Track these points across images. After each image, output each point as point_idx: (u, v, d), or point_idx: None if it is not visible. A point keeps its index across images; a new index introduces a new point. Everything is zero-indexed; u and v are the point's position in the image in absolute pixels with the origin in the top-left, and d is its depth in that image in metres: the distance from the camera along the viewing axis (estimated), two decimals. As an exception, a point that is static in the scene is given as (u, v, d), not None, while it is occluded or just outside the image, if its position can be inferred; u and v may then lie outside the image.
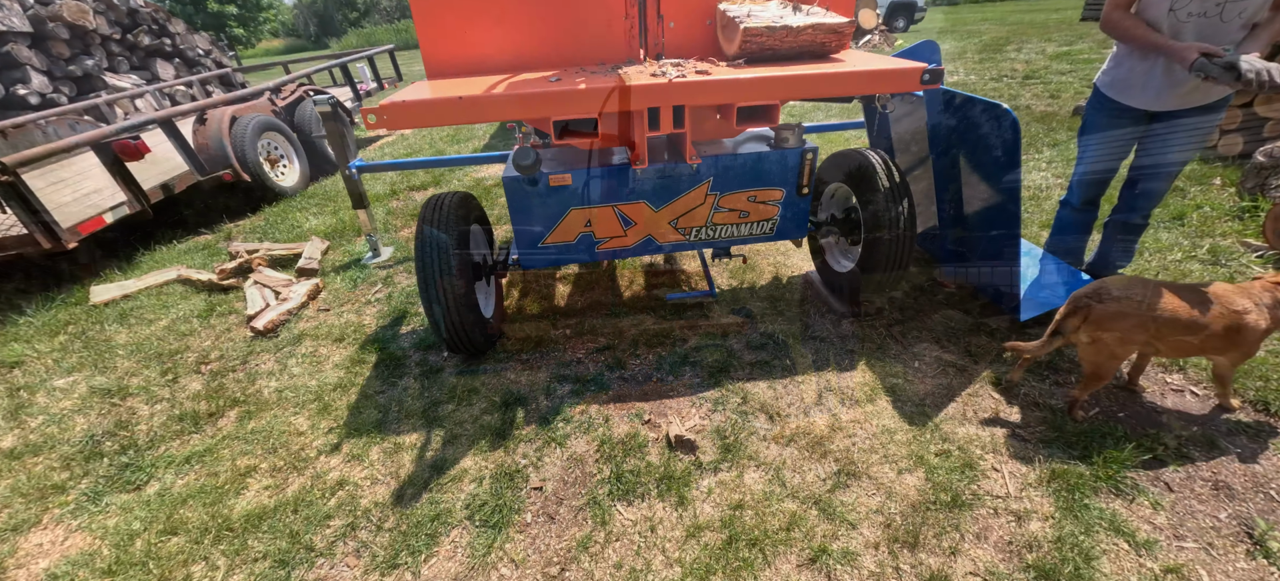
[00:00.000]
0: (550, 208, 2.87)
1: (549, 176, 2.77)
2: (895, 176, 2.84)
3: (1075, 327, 2.29)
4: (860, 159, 2.95)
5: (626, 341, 3.22)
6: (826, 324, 3.27)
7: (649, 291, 3.74)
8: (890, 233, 2.81)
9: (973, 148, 2.80)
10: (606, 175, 2.81)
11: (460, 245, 2.70)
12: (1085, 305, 2.26)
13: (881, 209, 2.81)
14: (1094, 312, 2.23)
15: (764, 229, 3.13)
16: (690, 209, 2.99)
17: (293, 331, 3.60)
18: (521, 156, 2.54)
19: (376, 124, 2.47)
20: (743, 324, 3.31)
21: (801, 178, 2.94)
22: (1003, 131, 2.50)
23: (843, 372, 2.87)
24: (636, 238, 3.06)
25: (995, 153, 2.62)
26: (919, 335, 3.12)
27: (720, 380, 2.86)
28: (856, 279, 3.10)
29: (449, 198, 2.81)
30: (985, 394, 2.69)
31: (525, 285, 3.94)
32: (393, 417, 2.77)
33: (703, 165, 2.84)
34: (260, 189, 6.12)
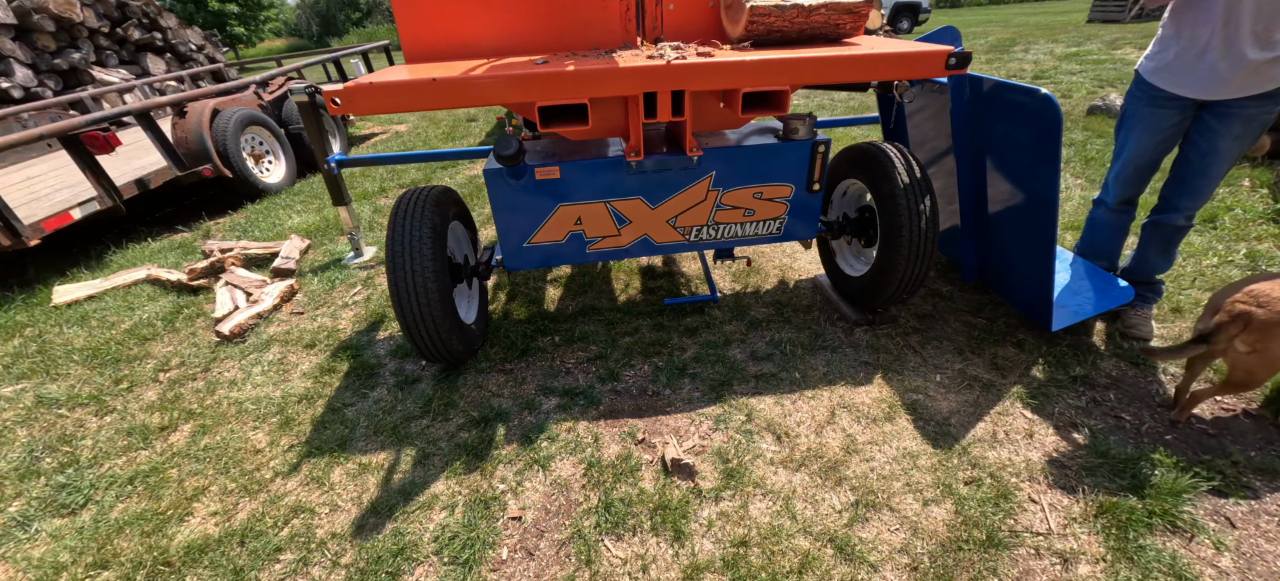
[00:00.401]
0: (536, 204, 2.61)
1: (535, 169, 2.51)
2: (916, 171, 2.58)
3: (1232, 336, 2.03)
4: (876, 153, 2.69)
5: (620, 350, 2.96)
6: (838, 332, 3.01)
7: (645, 295, 3.49)
8: (910, 233, 2.55)
9: (1004, 139, 2.54)
10: (598, 168, 2.56)
11: (436, 245, 2.44)
12: (1244, 312, 1.99)
13: (901, 207, 2.55)
14: (1257, 319, 1.97)
15: (771, 229, 2.87)
16: (690, 206, 2.73)
17: (261, 336, 3.34)
18: (503, 146, 2.28)
19: (340, 108, 2.22)
20: (747, 331, 3.05)
21: (813, 172, 2.68)
22: (1041, 120, 2.24)
23: (857, 386, 2.61)
24: (631, 237, 2.80)
25: (1031, 145, 2.36)
26: (940, 345, 2.86)
27: (722, 394, 2.60)
28: (871, 283, 2.84)
29: (425, 192, 2.56)
30: (1016, 412, 2.43)
31: (513, 288, 3.68)
32: (360, 434, 2.51)
33: (704, 158, 2.58)
34: (243, 185, 5.88)
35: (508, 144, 2.27)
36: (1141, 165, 2.55)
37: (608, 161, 2.54)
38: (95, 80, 9.32)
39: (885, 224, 2.66)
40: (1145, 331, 2.79)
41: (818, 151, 2.62)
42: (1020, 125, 2.38)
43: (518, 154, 2.28)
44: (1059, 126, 2.16)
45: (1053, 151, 2.22)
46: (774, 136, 2.69)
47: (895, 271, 2.65)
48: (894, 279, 2.67)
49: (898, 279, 2.67)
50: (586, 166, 2.54)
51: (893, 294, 2.75)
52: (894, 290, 2.73)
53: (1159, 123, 2.43)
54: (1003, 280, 2.95)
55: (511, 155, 2.28)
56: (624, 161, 2.54)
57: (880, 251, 2.74)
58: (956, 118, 2.63)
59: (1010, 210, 2.66)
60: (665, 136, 2.84)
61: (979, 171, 2.77)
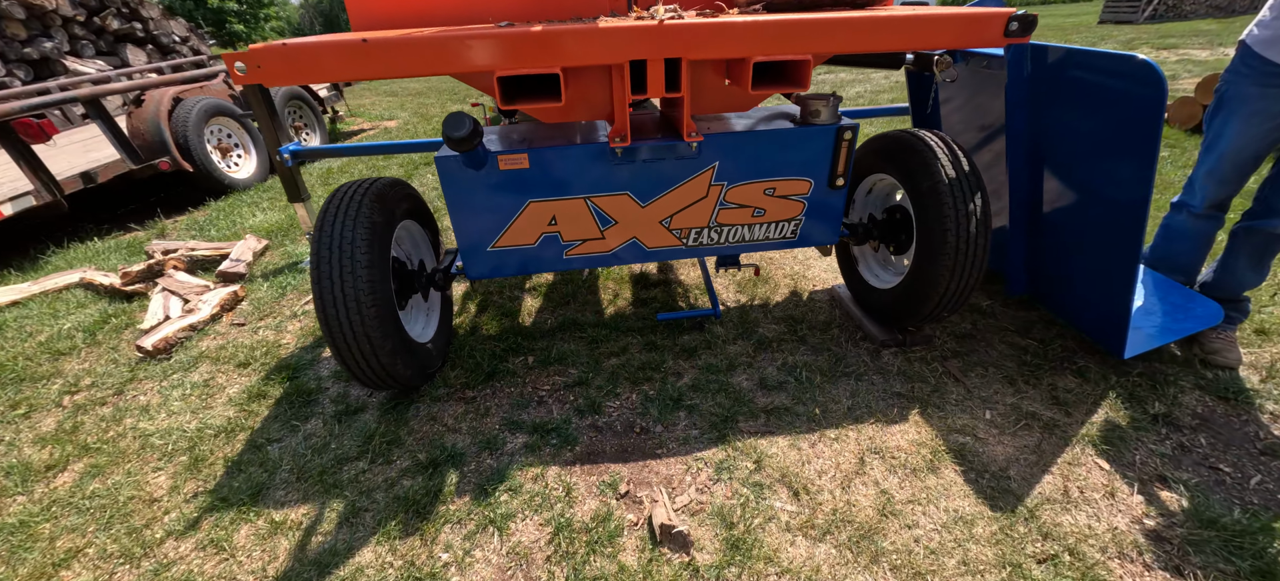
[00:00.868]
0: (501, 199, 2.15)
1: (498, 157, 2.05)
2: (963, 163, 2.12)
3: None
4: (913, 142, 2.22)
5: (603, 374, 2.49)
6: (862, 355, 2.54)
7: (636, 307, 3.02)
8: (957, 239, 2.08)
9: (1074, 124, 2.07)
10: (575, 157, 2.10)
11: (375, 249, 1.98)
12: None
13: (944, 208, 2.08)
14: None
15: (784, 232, 2.40)
16: (687, 204, 2.27)
17: (190, 352, 2.88)
18: (453, 125, 1.82)
19: (245, 76, 1.78)
20: (754, 353, 2.58)
21: (836, 164, 2.21)
22: (1136, 98, 1.78)
23: (890, 425, 2.14)
24: (617, 241, 2.34)
25: (1117, 130, 1.89)
26: (986, 373, 2.39)
27: (725, 433, 2.13)
28: (904, 298, 2.37)
29: (364, 186, 2.10)
30: (1089, 461, 1.96)
31: (484, 297, 3.22)
32: (281, 480, 2.05)
33: (705, 146, 2.12)
34: (207, 181, 5.43)
35: (459, 123, 1.82)
36: (1243, 160, 2.08)
37: (587, 149, 2.08)
38: (68, 71, 8.90)
39: (924, 228, 2.20)
40: (1232, 357, 2.32)
41: (843, 139, 2.16)
42: (1102, 105, 1.91)
43: (472, 135, 1.83)
44: (1162, 106, 1.69)
45: (1150, 139, 1.76)
46: (789, 121, 2.23)
47: (935, 284, 2.18)
48: (934, 293, 2.21)
49: (939, 294, 2.20)
50: (561, 154, 2.08)
51: (931, 311, 2.29)
52: (933, 307, 2.26)
53: (1271, 106, 1.96)
54: (1060, 295, 2.48)
55: (464, 137, 1.82)
56: (607, 148, 2.08)
57: (916, 260, 2.28)
58: (1013, 97, 2.16)
59: (1076, 212, 2.19)
60: (659, 121, 2.38)
61: (1036, 165, 2.30)
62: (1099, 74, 1.88)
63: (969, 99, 2.65)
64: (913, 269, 2.31)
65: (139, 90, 5.21)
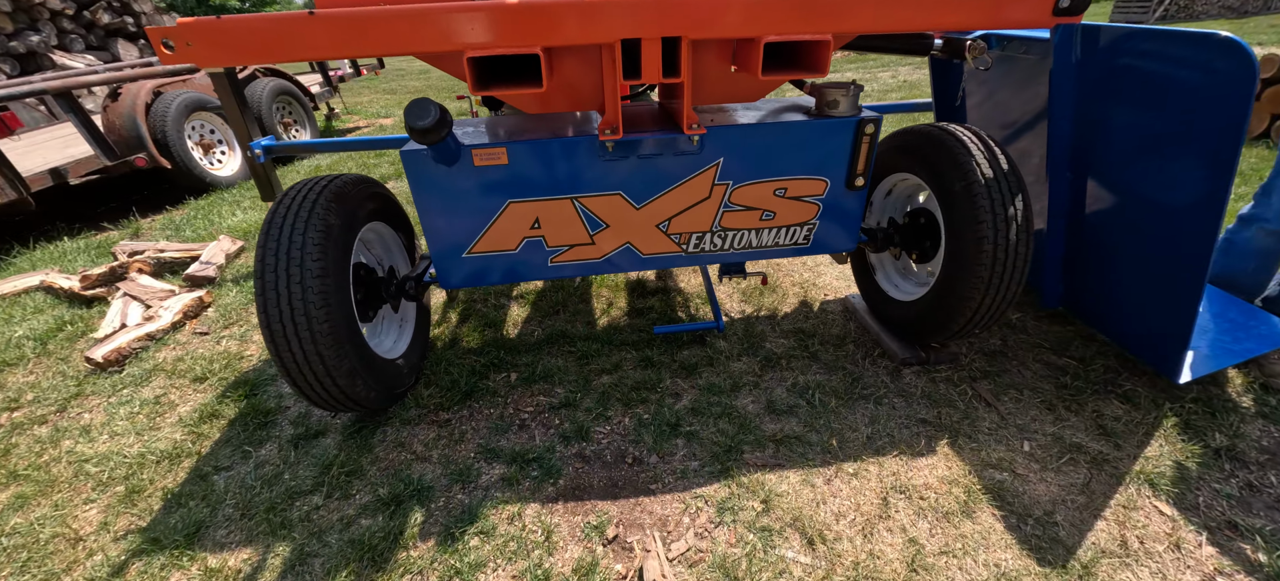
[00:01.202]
0: (477, 199, 1.91)
1: (472, 151, 1.81)
2: (1002, 162, 1.86)
3: None
4: (942, 137, 1.97)
5: (593, 394, 2.24)
6: (881, 374, 2.29)
7: (631, 317, 2.77)
8: (994, 248, 1.83)
9: (1136, 117, 1.81)
10: (561, 152, 1.85)
11: (330, 255, 1.74)
12: None
13: (980, 212, 1.83)
14: None
15: (796, 237, 2.15)
16: (688, 206, 2.02)
17: (145, 364, 2.64)
18: (417, 114, 1.58)
19: (174, 55, 1.54)
20: (761, 371, 2.33)
21: (857, 161, 1.96)
22: (1220, 85, 1.51)
23: (916, 458, 1.89)
24: (609, 246, 2.09)
25: (1193, 123, 1.63)
26: (1020, 397, 2.14)
27: (728, 465, 1.88)
28: (929, 312, 2.12)
29: (320, 184, 1.85)
30: (1147, 504, 1.71)
31: (466, 305, 2.97)
32: (223, 517, 1.81)
33: (708, 140, 1.87)
34: (186, 178, 5.20)
35: (423, 110, 1.57)
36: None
37: (574, 143, 1.84)
38: (55, 66, 8.69)
39: (954, 234, 1.94)
40: (1299, 382, 2.06)
41: (864, 133, 1.91)
42: (1171, 94, 1.65)
43: (439, 125, 1.58)
44: (1250, 94, 1.43)
45: (1232, 134, 1.49)
46: (803, 114, 1.98)
47: (968, 298, 1.93)
48: (966, 308, 1.95)
49: (971, 309, 1.94)
50: (544, 148, 1.84)
51: (962, 328, 2.03)
52: (964, 323, 2.01)
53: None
54: (1103, 309, 2.22)
55: (430, 127, 1.57)
56: (597, 142, 1.83)
57: (945, 270, 2.02)
58: (1058, 86, 1.91)
59: (1129, 218, 1.94)
60: (657, 113, 2.14)
61: (1081, 163, 2.04)
62: (1169, 57, 1.63)
63: (998, 91, 2.39)
64: (940, 280, 2.05)
65: (115, 83, 4.99)
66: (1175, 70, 1.62)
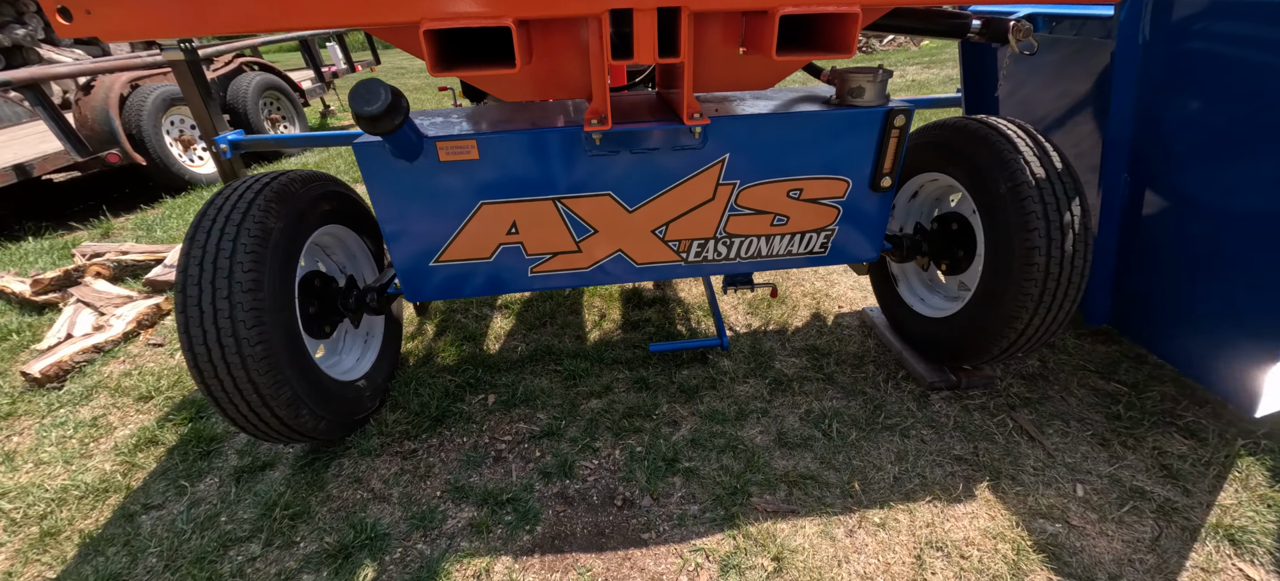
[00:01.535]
0: (444, 201, 1.65)
1: (437, 144, 1.55)
2: (1055, 160, 1.59)
3: None
4: (983, 132, 1.71)
5: (580, 421, 1.98)
6: (907, 401, 2.02)
7: (626, 331, 2.51)
8: (1048, 260, 1.56)
9: (1216, 107, 1.54)
10: (540, 146, 1.59)
11: (272, 264, 1.49)
12: None
13: (1031, 218, 1.56)
14: None
15: (812, 245, 1.89)
16: (689, 209, 1.76)
17: (88, 380, 2.39)
18: (364, 97, 1.32)
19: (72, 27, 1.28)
20: (770, 396, 2.07)
21: (883, 158, 1.70)
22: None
23: (952, 504, 1.62)
24: (598, 254, 1.83)
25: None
26: (1067, 429, 1.87)
27: (733, 511, 1.62)
28: (964, 331, 1.85)
29: (264, 181, 1.60)
30: (1230, 567, 1.44)
31: (445, 315, 2.71)
32: (144, 570, 1.55)
33: (712, 132, 1.61)
34: (163, 175, 4.96)
35: (371, 94, 1.31)
36: None
37: (554, 135, 1.58)
38: (42, 60, 8.47)
39: (997, 243, 1.67)
40: (1388, 415, 1.78)
41: (893, 126, 1.64)
42: (1266, 78, 1.38)
43: (390, 111, 1.32)
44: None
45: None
46: (821, 104, 1.72)
47: (1014, 317, 1.66)
48: (1009, 329, 1.68)
49: (1017, 329, 1.68)
50: (521, 141, 1.58)
51: (1004, 350, 1.77)
52: (1007, 345, 1.74)
53: None
54: (1160, 328, 1.95)
55: (379, 113, 1.31)
56: (582, 134, 1.57)
57: (984, 284, 1.75)
58: (1121, 71, 1.64)
59: (1200, 226, 1.67)
60: (654, 104, 1.87)
61: (1141, 162, 1.77)
62: (1263, 39, 1.36)
63: (1039, 80, 2.12)
64: (978, 295, 1.78)
65: (89, 75, 4.75)
66: (1271, 56, 1.35)
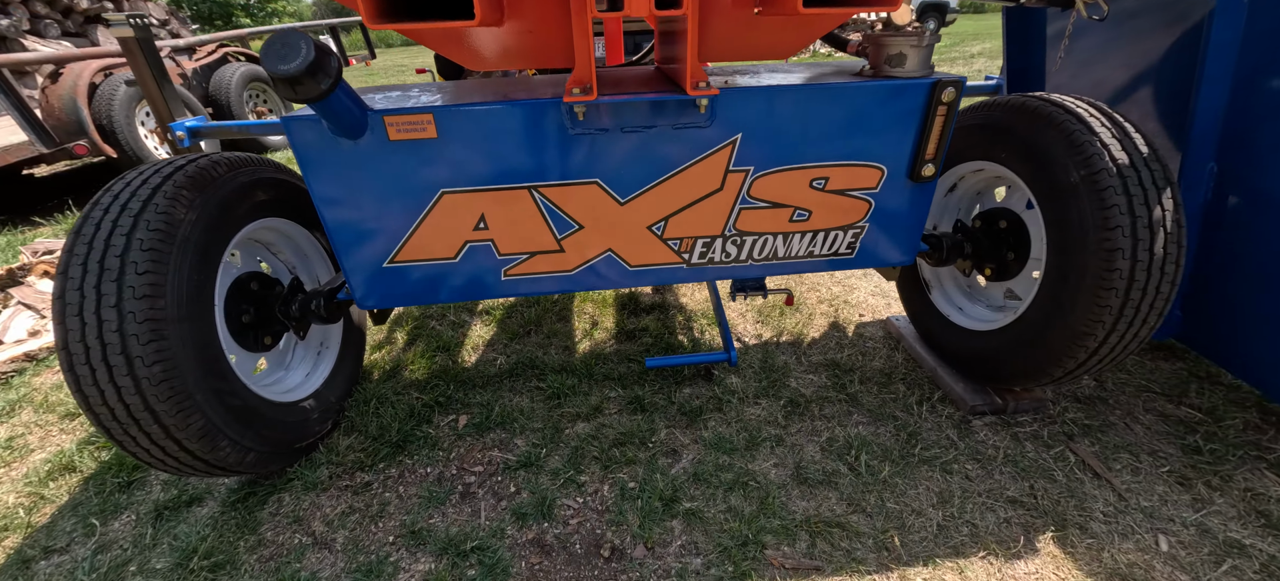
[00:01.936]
0: (397, 189, 1.37)
1: (384, 119, 1.27)
2: (1139, 145, 1.31)
3: None
4: (1047, 112, 1.42)
5: (564, 449, 1.70)
6: (945, 428, 1.73)
7: (620, 342, 2.23)
8: (1132, 265, 1.27)
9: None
10: (512, 122, 1.31)
11: (181, 269, 1.21)
12: None
13: (1110, 214, 1.28)
14: None
15: (838, 246, 1.61)
16: (693, 200, 1.47)
17: (12, 392, 2.12)
18: (278, 54, 1.03)
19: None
20: (785, 420, 1.78)
21: (927, 141, 1.41)
22: None
23: (1011, 561, 1.33)
24: (585, 254, 1.55)
25: None
26: (1138, 463, 1.58)
27: (744, 568, 1.33)
28: (1018, 348, 1.57)
29: (174, 167, 1.32)
30: (1368, 650, 1.14)
31: (419, 321, 2.43)
32: (23, 636, 1.27)
33: (721, 106, 1.33)
34: (136, 169, 4.69)
35: (288, 48, 1.02)
36: None
37: (526, 108, 1.29)
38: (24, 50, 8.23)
39: (1065, 244, 1.39)
40: None
41: (940, 100, 1.35)
42: None
43: (313, 71, 1.03)
44: None
45: None
46: (851, 76, 1.43)
47: (1085, 334, 1.37)
48: (1080, 347, 1.39)
49: (1088, 348, 1.39)
50: (487, 116, 1.30)
51: (1070, 372, 1.48)
52: (1074, 367, 1.45)
53: None
54: (1243, 344, 1.66)
55: (297, 73, 1.02)
56: (561, 107, 1.29)
57: (1046, 292, 1.47)
58: (1219, 39, 1.35)
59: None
60: (654, 78, 1.59)
61: (1234, 148, 1.49)
62: None
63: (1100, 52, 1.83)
64: (1038, 305, 1.49)
65: (58, 62, 4.50)
66: None
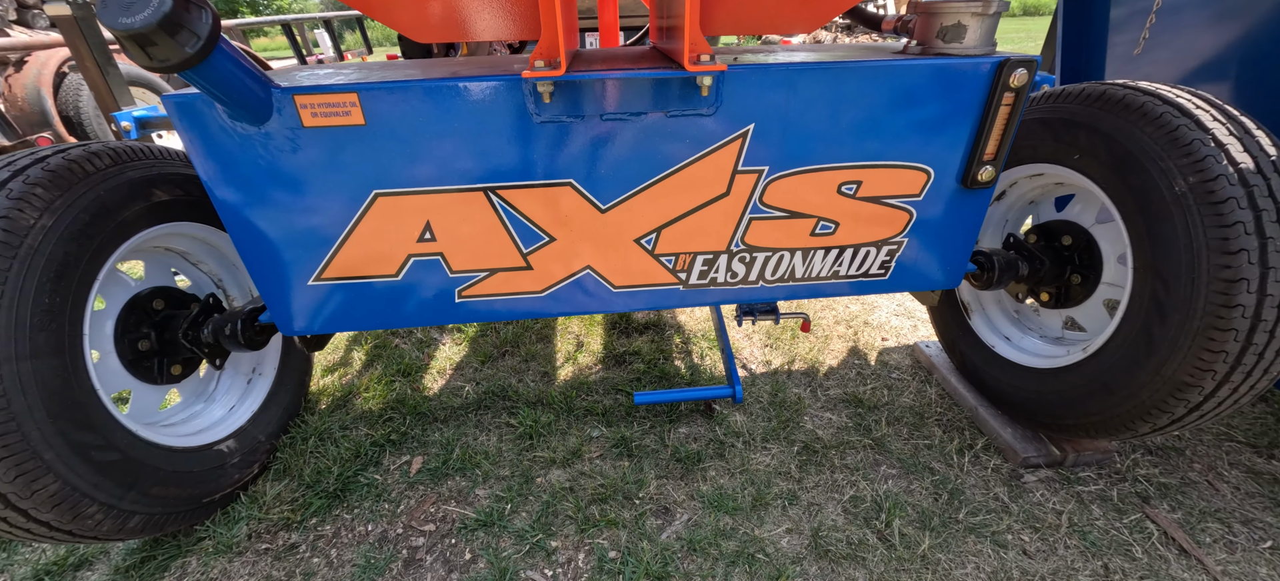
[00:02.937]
0: (318, 189, 1.09)
1: (294, 99, 0.99)
2: (1267, 148, 1.02)
3: None
4: (1139, 103, 1.13)
5: (533, 503, 1.41)
6: (993, 485, 1.44)
7: (606, 369, 1.94)
8: (1259, 297, 0.98)
9: None
10: (458, 106, 1.03)
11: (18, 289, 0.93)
12: None
13: (1228, 234, 0.99)
14: None
15: (869, 266, 1.32)
16: (692, 208, 1.19)
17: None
18: (124, 6, 0.75)
19: None
20: (800, 471, 1.49)
21: (986, 137, 1.12)
22: None
23: (1092, 676, 1.04)
24: (559, 272, 1.26)
25: None
26: (1230, 535, 1.29)
27: (752, 676, 1.04)
28: (1086, 392, 1.27)
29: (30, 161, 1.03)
30: None
31: (381, 340, 2.15)
32: None
33: (727, 86, 1.04)
34: (107, 164, 4.43)
35: (138, 1, 0.75)
36: None
37: (477, 86, 1.01)
38: (12, 41, 8.00)
39: (1163, 268, 1.10)
40: None
41: (1007, 85, 1.06)
42: None
43: (167, 23, 0.75)
44: None
45: None
46: (891, 54, 1.15)
47: (1191, 382, 1.07)
48: (1182, 397, 1.10)
49: (1193, 400, 1.09)
50: (425, 95, 1.01)
51: (1164, 426, 1.18)
52: (1173, 420, 1.15)
53: None
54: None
55: (148, 26, 0.74)
56: (520, 85, 1.01)
57: (1131, 326, 1.17)
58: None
59: None
60: (646, 55, 1.30)
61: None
62: None
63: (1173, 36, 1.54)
64: (1122, 343, 1.20)
65: (21, 50, 4.25)
66: None
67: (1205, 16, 1.45)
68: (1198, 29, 1.47)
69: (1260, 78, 1.36)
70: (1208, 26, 1.45)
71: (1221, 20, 1.43)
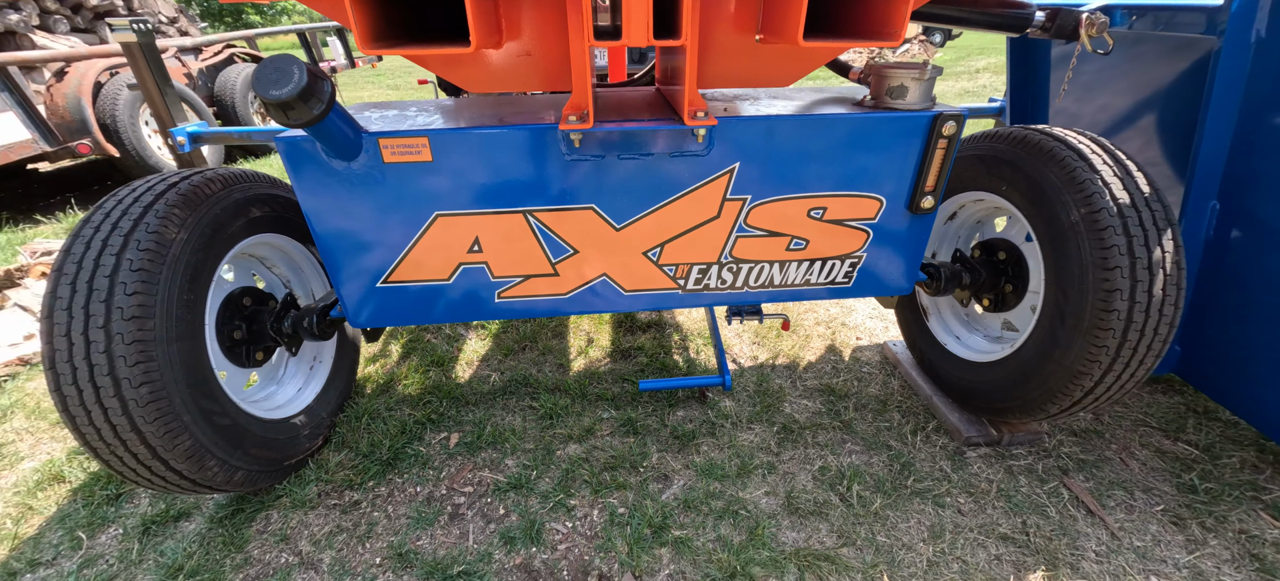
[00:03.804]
0: (390, 211, 1.36)
1: (379, 141, 1.26)
2: (1141, 184, 1.30)
3: None
4: (1046, 145, 1.41)
5: (555, 472, 1.69)
6: (939, 459, 1.72)
7: (614, 362, 2.22)
8: (1130, 303, 1.26)
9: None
10: (508, 147, 1.31)
11: (171, 288, 1.20)
12: None
13: (1110, 252, 1.27)
14: None
15: (835, 275, 1.60)
16: (689, 228, 1.47)
17: (5, 397, 2.11)
18: (271, 78, 1.03)
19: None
20: (778, 446, 1.77)
21: (926, 173, 1.40)
22: None
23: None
24: (579, 279, 1.54)
25: None
26: (1132, 502, 1.56)
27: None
28: (1016, 381, 1.55)
29: (166, 184, 1.31)
30: (1364, 705, 1.13)
31: (413, 333, 2.42)
32: (3, 654, 1.26)
33: (719, 135, 1.33)
34: (139, 169, 4.71)
35: (281, 74, 1.02)
36: None
37: (523, 134, 1.29)
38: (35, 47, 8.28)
39: (1063, 281, 1.38)
40: None
41: (941, 134, 1.35)
42: None
43: (306, 96, 1.03)
44: None
45: None
46: (852, 105, 1.43)
47: (1082, 372, 1.36)
48: (1076, 385, 1.38)
49: (1084, 387, 1.38)
50: (483, 140, 1.29)
51: (1066, 409, 1.47)
52: (1071, 404, 1.44)
53: None
54: (1242, 382, 1.64)
55: (290, 99, 1.02)
56: (556, 133, 1.28)
57: (1043, 329, 1.46)
58: (1226, 75, 1.34)
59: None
60: (653, 101, 1.59)
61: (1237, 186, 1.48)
62: None
63: (1104, 86, 1.82)
64: (1034, 341, 1.48)
65: (63, 61, 4.52)
66: None
67: (1108, 69, 1.74)
68: (1103, 79, 1.76)
69: (1161, 121, 1.64)
70: (1110, 77, 1.74)
71: (1118, 72, 1.71)
